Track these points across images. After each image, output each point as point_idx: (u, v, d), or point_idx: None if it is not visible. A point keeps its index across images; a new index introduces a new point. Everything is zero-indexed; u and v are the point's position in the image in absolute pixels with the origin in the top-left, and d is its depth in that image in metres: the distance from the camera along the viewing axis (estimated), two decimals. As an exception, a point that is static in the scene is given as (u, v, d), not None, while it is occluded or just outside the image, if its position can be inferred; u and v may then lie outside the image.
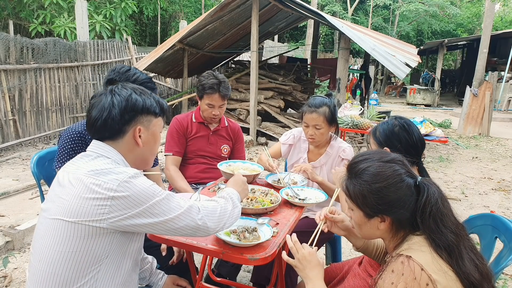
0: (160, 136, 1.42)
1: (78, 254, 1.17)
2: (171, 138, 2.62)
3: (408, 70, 6.06)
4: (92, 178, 1.18)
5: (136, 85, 1.39)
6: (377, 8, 23.76)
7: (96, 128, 1.30)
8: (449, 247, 1.11)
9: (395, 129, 1.79)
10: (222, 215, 1.35)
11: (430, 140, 5.77)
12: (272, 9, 7.96)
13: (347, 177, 1.27)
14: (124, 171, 1.20)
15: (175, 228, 1.24)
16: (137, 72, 2.01)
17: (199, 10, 17.10)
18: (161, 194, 1.22)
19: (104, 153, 1.29)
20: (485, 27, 11.75)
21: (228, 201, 1.42)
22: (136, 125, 1.32)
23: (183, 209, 1.25)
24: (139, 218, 1.19)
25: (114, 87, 1.34)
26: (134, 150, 1.34)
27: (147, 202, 1.19)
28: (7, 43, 6.00)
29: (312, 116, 2.27)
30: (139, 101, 1.32)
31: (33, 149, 6.46)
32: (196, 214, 1.27)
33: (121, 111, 1.28)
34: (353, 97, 10.64)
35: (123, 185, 1.16)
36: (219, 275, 2.35)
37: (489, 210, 4.46)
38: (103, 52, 8.31)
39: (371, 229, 1.25)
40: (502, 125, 11.39)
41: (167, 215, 1.22)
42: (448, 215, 1.17)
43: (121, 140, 1.31)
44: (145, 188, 1.19)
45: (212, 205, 1.36)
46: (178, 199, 1.29)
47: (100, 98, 1.31)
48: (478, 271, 1.11)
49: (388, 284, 1.08)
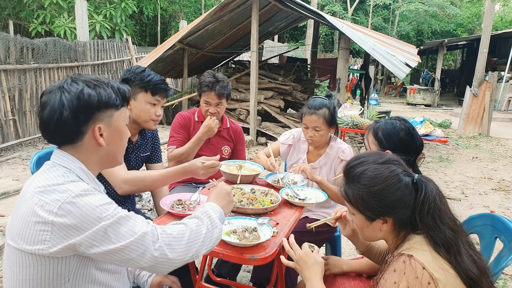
0: (126, 128, 1.26)
1: (34, 282, 1.05)
2: (174, 133, 2.65)
3: (408, 70, 6.06)
4: (36, 198, 1.03)
5: (90, 76, 1.19)
6: (377, 8, 23.77)
7: (49, 133, 1.14)
8: (447, 243, 1.12)
9: (401, 134, 1.76)
10: (192, 241, 1.13)
11: (430, 140, 5.78)
12: (272, 9, 7.96)
13: (345, 182, 1.27)
14: (69, 189, 1.04)
15: (128, 259, 1.05)
16: (151, 73, 2.03)
17: (199, 10, 17.10)
18: (109, 217, 1.03)
19: (60, 161, 1.14)
20: (485, 27, 11.75)
21: (203, 222, 1.19)
22: (95, 124, 1.14)
23: (134, 237, 1.04)
24: (83, 247, 1.02)
25: (63, 82, 1.15)
26: (97, 151, 1.18)
27: (90, 228, 1.01)
28: (7, 43, 6.00)
29: (311, 118, 2.26)
30: (93, 96, 1.13)
31: (33, 149, 6.46)
32: (152, 243, 1.06)
33: (72, 112, 1.10)
34: (353, 97, 10.66)
35: (64, 207, 1.01)
36: (219, 275, 2.35)
37: (489, 210, 4.46)
38: (103, 52, 8.31)
39: (373, 232, 1.25)
40: (502, 125, 11.39)
41: (114, 244, 1.03)
42: (445, 212, 1.17)
43: (80, 143, 1.15)
44: (90, 211, 1.02)
45: (179, 229, 1.13)
46: (134, 222, 1.07)
47: (49, 96, 1.12)
48: (477, 267, 1.12)
49: (390, 283, 1.09)
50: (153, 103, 2.03)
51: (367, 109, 7.35)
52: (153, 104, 2.03)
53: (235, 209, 1.78)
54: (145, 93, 2.00)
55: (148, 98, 2.01)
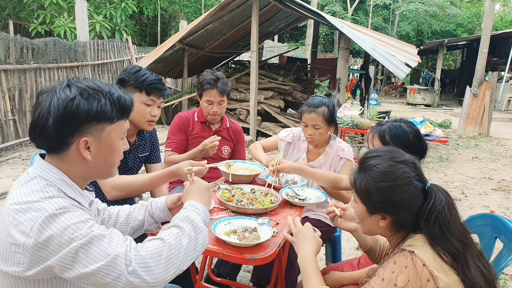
0: (119, 143, 1.16)
1: None
2: (172, 135, 2.64)
3: (408, 70, 6.07)
4: (12, 216, 0.97)
5: (89, 83, 1.09)
6: (377, 8, 23.77)
7: (33, 137, 1.07)
8: (455, 254, 1.11)
9: (410, 137, 1.76)
10: (172, 258, 1.02)
11: (430, 140, 5.77)
12: (272, 9, 7.96)
13: (357, 170, 1.28)
14: (43, 208, 0.96)
15: (103, 283, 0.97)
16: (146, 73, 2.00)
17: (199, 10, 17.10)
18: (81, 237, 0.95)
19: (41, 172, 1.07)
20: (485, 27, 11.75)
21: (184, 232, 1.08)
22: (81, 136, 1.06)
23: (106, 260, 0.95)
24: (57, 270, 0.96)
25: (59, 84, 1.08)
26: (80, 164, 1.09)
27: (61, 250, 0.94)
28: (7, 43, 6.00)
29: (311, 116, 2.27)
30: (82, 107, 1.03)
31: (33, 149, 6.46)
32: (126, 267, 0.96)
33: (56, 120, 1.02)
34: (353, 97, 10.64)
35: (36, 228, 0.94)
36: (219, 275, 2.35)
37: (489, 210, 4.46)
38: (103, 52, 8.31)
39: (371, 225, 1.26)
40: (502, 125, 11.39)
41: (86, 266, 0.95)
42: (455, 223, 1.16)
43: (65, 153, 1.07)
44: (61, 231, 0.95)
45: (155, 247, 1.02)
46: (108, 242, 0.98)
47: (44, 98, 1.05)
48: (485, 279, 1.11)
49: (388, 272, 1.09)
50: (148, 103, 2.00)
51: (367, 109, 7.34)
52: (148, 104, 2.00)
53: (235, 209, 1.78)
54: (139, 93, 1.96)
55: (143, 98, 1.97)
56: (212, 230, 1.50)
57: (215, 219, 1.65)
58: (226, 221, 1.63)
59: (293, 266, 2.12)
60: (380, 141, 1.80)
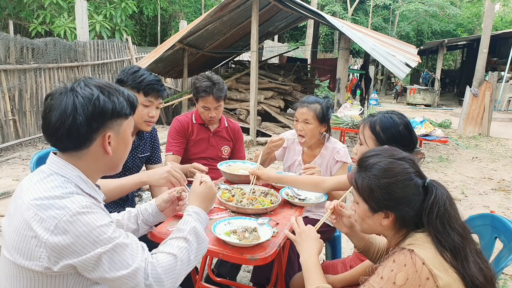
0: (131, 137, 1.25)
1: None
2: (171, 139, 2.63)
3: (408, 70, 6.07)
4: (33, 211, 0.99)
5: (102, 82, 1.14)
6: (377, 8, 23.76)
7: (57, 138, 1.08)
8: (455, 248, 1.12)
9: (400, 128, 1.74)
10: (181, 271, 1.13)
11: (430, 140, 5.77)
12: (272, 9, 7.96)
13: (357, 170, 1.29)
14: (66, 206, 0.99)
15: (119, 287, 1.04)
16: (145, 73, 1.99)
17: (199, 10, 17.10)
18: (106, 242, 1.00)
19: (57, 169, 1.09)
20: (485, 27, 11.76)
21: (191, 246, 1.17)
22: (105, 132, 1.11)
23: (127, 270, 1.02)
24: (78, 269, 1.01)
25: (75, 84, 1.10)
26: (101, 159, 1.14)
27: (85, 252, 0.98)
28: (7, 43, 6.00)
29: (302, 111, 2.30)
30: (108, 104, 1.09)
31: (33, 149, 6.46)
32: (144, 280, 1.03)
33: (87, 118, 1.06)
34: (353, 97, 10.64)
35: (62, 226, 0.97)
36: (219, 275, 2.35)
37: (489, 210, 4.46)
38: (103, 52, 8.31)
39: (373, 224, 1.26)
40: (502, 125, 11.39)
41: (107, 272, 1.00)
42: (455, 217, 1.18)
43: (86, 150, 1.11)
44: (87, 233, 0.98)
45: (169, 263, 1.10)
46: (130, 253, 1.04)
47: (59, 99, 1.07)
48: (483, 275, 1.12)
49: (387, 270, 1.10)
50: (146, 104, 1.99)
51: (367, 109, 7.35)
52: (146, 105, 2.00)
53: (235, 209, 1.78)
54: (137, 94, 1.94)
55: (141, 99, 1.96)
56: (212, 230, 1.51)
57: (215, 219, 1.65)
58: (226, 221, 1.63)
59: (293, 266, 2.12)
60: (370, 131, 1.77)
